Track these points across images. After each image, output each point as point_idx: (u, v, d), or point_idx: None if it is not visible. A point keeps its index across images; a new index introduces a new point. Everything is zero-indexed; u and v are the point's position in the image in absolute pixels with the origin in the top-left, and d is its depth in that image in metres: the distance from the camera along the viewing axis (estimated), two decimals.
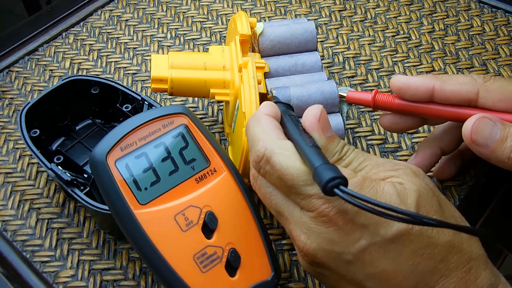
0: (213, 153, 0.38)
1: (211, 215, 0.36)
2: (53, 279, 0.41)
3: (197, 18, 0.60)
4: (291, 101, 0.42)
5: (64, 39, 0.58)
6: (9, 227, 0.44)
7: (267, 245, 0.37)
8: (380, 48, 0.56)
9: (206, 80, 0.44)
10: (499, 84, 0.38)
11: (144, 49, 0.57)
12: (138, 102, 0.46)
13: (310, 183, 0.30)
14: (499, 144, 0.36)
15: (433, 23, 0.59)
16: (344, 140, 0.42)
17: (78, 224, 0.44)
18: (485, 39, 0.57)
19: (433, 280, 0.30)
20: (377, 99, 0.41)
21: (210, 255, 0.36)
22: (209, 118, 0.51)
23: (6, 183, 0.46)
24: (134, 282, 0.41)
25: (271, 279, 0.36)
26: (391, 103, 0.41)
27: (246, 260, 0.36)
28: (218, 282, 0.35)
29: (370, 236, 0.30)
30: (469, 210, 0.44)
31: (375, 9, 0.60)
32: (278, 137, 0.33)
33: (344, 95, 0.43)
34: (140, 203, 0.35)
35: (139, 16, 0.61)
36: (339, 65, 0.55)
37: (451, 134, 0.43)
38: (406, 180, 0.31)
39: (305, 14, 0.60)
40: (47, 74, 0.55)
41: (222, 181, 0.38)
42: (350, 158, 0.33)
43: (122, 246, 0.43)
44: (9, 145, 0.49)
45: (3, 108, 0.52)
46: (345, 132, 0.43)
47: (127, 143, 0.37)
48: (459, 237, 0.31)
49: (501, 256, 0.42)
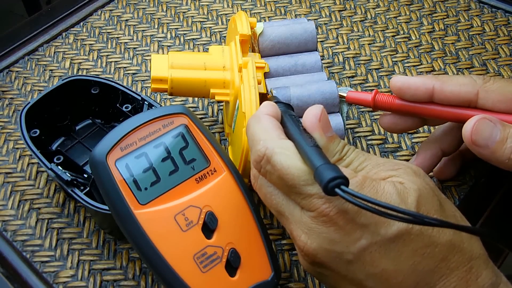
0: (213, 153, 0.38)
1: (211, 215, 0.36)
2: (53, 279, 0.41)
3: (197, 18, 0.60)
4: (291, 101, 0.42)
5: (64, 39, 0.58)
6: (9, 227, 0.44)
7: (267, 245, 0.37)
8: (380, 48, 0.56)
9: (206, 80, 0.44)
10: (499, 85, 0.38)
11: (144, 49, 0.57)
12: (138, 102, 0.46)
13: (311, 183, 0.30)
14: (499, 145, 0.36)
15: (433, 23, 0.59)
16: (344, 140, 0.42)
17: (78, 224, 0.44)
18: (485, 39, 0.57)
19: (434, 280, 0.30)
20: (377, 99, 0.41)
21: (210, 255, 0.35)
22: (209, 118, 0.51)
23: (6, 183, 0.46)
24: (134, 282, 0.41)
25: (271, 279, 0.36)
26: (391, 104, 0.41)
27: (246, 260, 0.36)
28: (218, 282, 0.35)
29: (371, 235, 0.30)
30: (469, 210, 0.44)
31: (375, 9, 0.60)
32: (279, 137, 0.33)
33: (344, 95, 0.43)
34: (140, 203, 0.35)
35: (139, 16, 0.61)
36: (339, 65, 0.55)
37: (451, 135, 0.43)
38: (406, 179, 0.31)
39: (305, 14, 0.60)
40: (47, 74, 0.55)
41: (222, 181, 0.38)
42: (350, 158, 0.33)
43: (122, 246, 0.43)
44: (9, 145, 0.49)
45: (3, 108, 0.52)
46: (345, 132, 0.43)
47: (127, 143, 0.37)
48: (460, 236, 0.31)
49: (501, 256, 0.42)
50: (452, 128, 0.43)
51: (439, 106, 0.40)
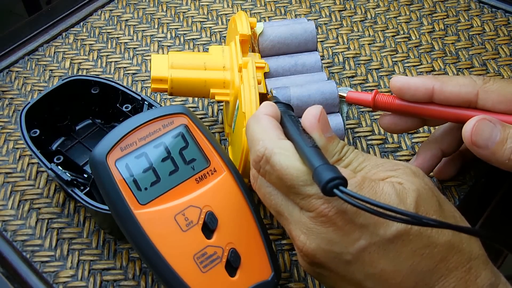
0: (213, 153, 0.38)
1: (211, 215, 0.36)
2: (53, 279, 0.41)
3: (197, 18, 0.60)
4: (291, 101, 0.42)
5: (64, 39, 0.58)
6: (9, 227, 0.44)
7: (267, 245, 0.37)
8: (380, 48, 0.56)
9: (206, 80, 0.44)
10: (499, 85, 0.38)
11: (144, 49, 0.57)
12: (138, 102, 0.46)
13: (310, 183, 0.30)
14: (499, 145, 0.36)
15: (433, 23, 0.59)
16: (344, 140, 0.42)
17: (78, 224, 0.44)
18: (485, 39, 0.57)
19: (433, 280, 0.30)
20: (377, 99, 0.41)
21: (210, 255, 0.36)
22: (209, 118, 0.51)
23: (6, 183, 0.46)
24: (134, 282, 0.41)
25: (271, 279, 0.37)
26: (391, 104, 0.41)
27: (246, 260, 0.36)
28: (218, 282, 0.35)
29: (370, 236, 0.30)
30: (469, 210, 0.44)
31: (375, 9, 0.60)
32: (278, 137, 0.33)
33: (344, 95, 0.43)
34: (140, 203, 0.35)
35: (139, 16, 0.61)
36: (339, 65, 0.55)
37: (451, 136, 0.43)
38: (405, 180, 0.31)
39: (305, 14, 0.60)
40: (47, 74, 0.55)
41: (222, 181, 0.38)
42: (349, 159, 0.33)
43: (122, 246, 0.43)
44: (9, 145, 0.49)
45: (3, 108, 0.52)
46: (345, 132, 0.43)
47: (127, 143, 0.37)
48: (459, 237, 0.31)
49: (501, 256, 0.42)
50: (452, 128, 0.43)
51: (439, 106, 0.40)
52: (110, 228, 0.43)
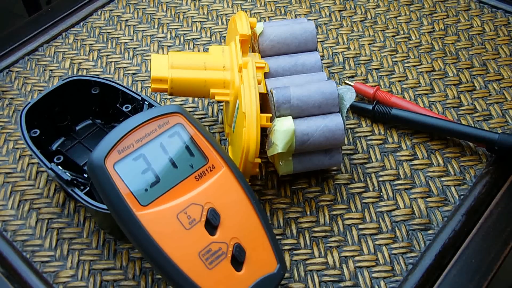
0: (211, 150, 0.38)
1: (213, 211, 0.36)
2: (53, 279, 0.41)
3: (197, 18, 0.60)
4: (291, 101, 0.42)
5: (64, 39, 0.58)
6: (9, 227, 0.44)
7: (271, 238, 0.37)
8: (380, 48, 0.56)
9: (206, 80, 0.44)
10: None
11: (144, 49, 0.57)
12: (138, 102, 0.46)
13: None
14: None
15: (433, 23, 0.59)
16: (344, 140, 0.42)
17: (78, 224, 0.44)
18: (485, 39, 0.57)
19: None
20: (377, 94, 0.50)
21: (215, 251, 0.35)
22: (209, 118, 0.51)
23: (6, 183, 0.46)
24: (134, 282, 0.41)
25: (277, 271, 0.37)
26: (387, 100, 0.50)
27: (251, 254, 0.36)
28: (225, 278, 0.35)
29: None
30: (469, 210, 0.44)
31: (375, 9, 0.60)
32: None
33: (351, 84, 0.51)
34: (142, 204, 0.35)
35: (139, 16, 0.61)
36: (339, 65, 0.55)
37: None
38: None
39: (305, 14, 0.60)
40: (47, 74, 0.55)
41: (222, 177, 0.38)
42: None
43: (122, 246, 0.43)
44: (9, 145, 0.49)
45: (3, 108, 0.52)
46: (345, 132, 0.43)
47: (124, 145, 0.36)
48: None
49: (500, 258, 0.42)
50: None
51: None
52: (110, 228, 0.43)
